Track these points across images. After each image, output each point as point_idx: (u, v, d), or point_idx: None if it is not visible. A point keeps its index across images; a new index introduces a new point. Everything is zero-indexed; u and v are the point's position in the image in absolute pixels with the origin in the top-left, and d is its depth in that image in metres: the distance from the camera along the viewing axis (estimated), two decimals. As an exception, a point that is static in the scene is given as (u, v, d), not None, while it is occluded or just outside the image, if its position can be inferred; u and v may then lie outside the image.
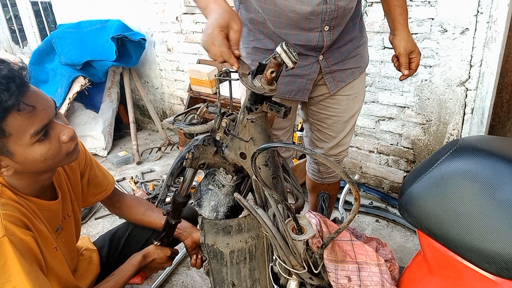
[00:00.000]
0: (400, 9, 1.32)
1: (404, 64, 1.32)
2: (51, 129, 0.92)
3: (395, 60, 1.36)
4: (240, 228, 0.93)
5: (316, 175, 1.66)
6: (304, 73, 1.29)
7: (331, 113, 1.43)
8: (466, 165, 0.72)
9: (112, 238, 1.42)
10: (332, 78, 1.33)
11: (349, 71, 1.35)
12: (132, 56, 3.47)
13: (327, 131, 1.48)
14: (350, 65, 1.35)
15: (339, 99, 1.39)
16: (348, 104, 1.41)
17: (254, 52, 1.30)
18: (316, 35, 1.20)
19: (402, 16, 1.32)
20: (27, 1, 5.04)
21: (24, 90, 0.86)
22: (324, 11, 1.14)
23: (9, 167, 0.91)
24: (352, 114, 1.45)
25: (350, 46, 1.32)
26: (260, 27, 1.24)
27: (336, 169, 0.64)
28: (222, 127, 0.91)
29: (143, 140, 3.83)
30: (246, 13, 1.25)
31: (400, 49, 1.32)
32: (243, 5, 1.25)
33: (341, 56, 1.31)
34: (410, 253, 2.00)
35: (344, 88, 1.37)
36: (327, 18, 1.16)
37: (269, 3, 1.15)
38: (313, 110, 1.46)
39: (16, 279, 0.85)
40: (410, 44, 1.32)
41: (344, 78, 1.35)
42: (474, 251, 0.68)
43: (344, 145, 1.53)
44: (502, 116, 2.14)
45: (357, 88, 1.41)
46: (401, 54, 1.32)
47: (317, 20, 1.16)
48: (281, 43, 0.74)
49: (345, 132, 1.48)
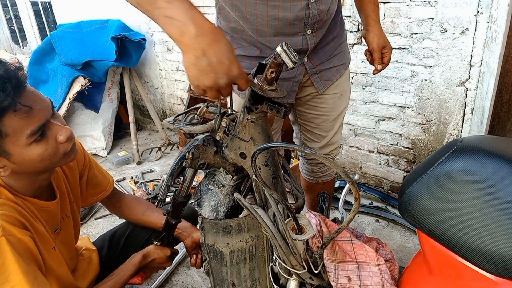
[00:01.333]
0: (372, 5, 1.37)
1: (377, 59, 1.38)
2: (48, 130, 0.92)
3: (368, 54, 1.41)
4: (240, 228, 0.93)
5: (310, 175, 1.67)
6: (290, 76, 1.29)
7: (319, 112, 1.44)
8: (466, 165, 0.72)
9: (112, 238, 1.42)
10: (318, 78, 1.34)
11: (334, 69, 1.37)
12: (132, 56, 3.47)
13: (316, 130, 1.49)
14: (335, 62, 1.36)
15: (326, 98, 1.41)
16: (335, 103, 1.43)
17: (240, 59, 1.28)
18: (299, 39, 1.20)
19: (374, 13, 1.37)
20: (27, 1, 5.04)
21: (20, 91, 0.86)
22: (307, 16, 1.15)
23: (6, 167, 0.91)
24: (339, 112, 1.46)
25: (333, 44, 1.33)
26: (242, 35, 1.23)
27: (336, 169, 0.65)
28: (222, 127, 0.91)
29: (143, 140, 3.83)
30: (226, 23, 1.24)
31: (373, 44, 1.37)
32: (221, 15, 1.24)
33: (325, 55, 1.32)
34: (410, 253, 2.00)
35: (330, 87, 1.39)
36: (310, 22, 1.17)
37: (251, 14, 1.15)
38: (301, 110, 1.47)
39: (14, 279, 0.85)
40: (383, 39, 1.37)
41: (331, 77, 1.37)
42: (474, 251, 0.68)
43: (335, 143, 1.54)
44: (502, 116, 2.14)
45: (342, 86, 1.43)
46: (374, 50, 1.37)
47: (300, 25, 1.17)
48: (281, 43, 0.74)
49: (334, 130, 1.49)
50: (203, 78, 0.70)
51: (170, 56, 3.54)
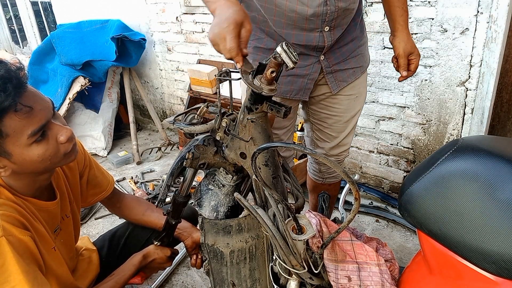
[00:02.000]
0: (400, 10, 1.32)
1: (403, 65, 1.33)
2: (48, 130, 0.92)
3: (394, 61, 1.37)
4: (240, 228, 0.93)
5: (317, 175, 1.66)
6: (305, 73, 1.29)
7: (332, 112, 1.43)
8: (466, 165, 0.72)
9: (112, 238, 1.42)
10: (333, 78, 1.33)
11: (350, 71, 1.35)
12: (132, 56, 3.47)
13: (328, 130, 1.48)
14: (352, 64, 1.35)
15: (340, 98, 1.39)
16: (349, 104, 1.41)
17: (255, 51, 1.30)
18: (316, 36, 1.20)
19: (402, 18, 1.33)
20: (27, 1, 5.04)
21: (21, 91, 0.85)
22: (325, 12, 1.14)
23: (7, 167, 0.91)
24: (353, 114, 1.45)
25: (351, 45, 1.32)
26: (261, 25, 1.25)
27: (336, 169, 0.64)
28: (222, 127, 0.91)
29: (143, 140, 3.83)
30: (248, 12, 1.25)
31: (400, 50, 1.33)
32: (244, 3, 1.26)
33: (342, 56, 1.31)
34: (410, 253, 2.00)
35: (345, 88, 1.37)
36: (327, 19, 1.17)
37: (270, 3, 1.16)
38: (314, 109, 1.46)
39: (14, 279, 0.85)
40: (410, 45, 1.32)
41: (346, 78, 1.36)
42: (474, 251, 0.68)
43: (345, 145, 1.53)
44: (502, 116, 2.14)
45: (358, 88, 1.41)
46: (400, 55, 1.33)
47: (317, 21, 1.16)
48: (282, 43, 0.74)
49: (346, 132, 1.48)
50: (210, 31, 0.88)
51: (170, 56, 3.54)
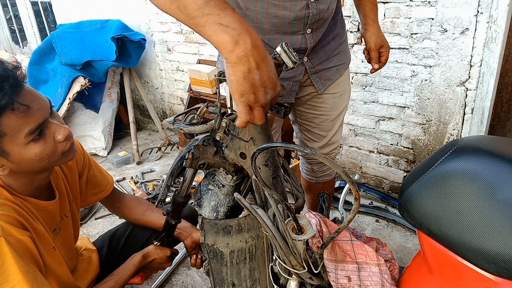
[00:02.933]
0: (370, 5, 1.39)
1: (374, 58, 1.40)
2: (46, 129, 0.92)
3: (366, 53, 1.43)
4: (240, 228, 0.93)
5: (311, 174, 1.67)
6: (290, 75, 1.29)
7: (319, 112, 1.44)
8: (466, 165, 0.72)
9: (112, 238, 1.42)
10: (318, 77, 1.34)
11: (334, 69, 1.37)
12: (132, 56, 3.47)
13: (316, 130, 1.49)
14: (335, 62, 1.36)
15: (325, 97, 1.40)
16: (335, 102, 1.43)
17: None
18: (299, 38, 1.21)
19: (372, 12, 1.39)
20: (27, 1, 5.04)
21: (18, 90, 0.86)
22: (307, 16, 1.15)
23: (5, 167, 0.91)
24: (339, 112, 1.46)
25: (333, 44, 1.33)
26: None
27: (336, 169, 0.64)
28: (222, 127, 0.91)
29: (143, 140, 3.83)
30: None
31: (371, 44, 1.39)
32: None
33: (325, 55, 1.32)
34: (410, 253, 2.00)
35: (330, 86, 1.39)
36: (309, 22, 1.17)
37: (251, 11, 1.15)
38: (301, 110, 1.47)
39: (13, 279, 0.85)
40: (380, 39, 1.38)
41: (330, 76, 1.37)
42: (474, 251, 0.68)
43: (335, 143, 1.54)
44: (502, 116, 2.14)
45: (342, 86, 1.42)
46: (371, 49, 1.39)
47: (300, 24, 1.17)
48: (281, 43, 0.74)
49: (334, 130, 1.49)
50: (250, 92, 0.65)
51: (170, 56, 3.54)
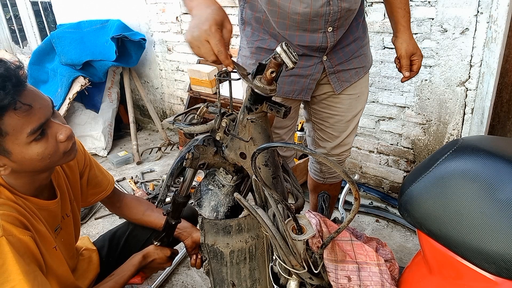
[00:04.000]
0: (402, 11, 1.33)
1: (405, 66, 1.34)
2: (48, 128, 0.92)
3: (397, 61, 1.37)
4: (240, 228, 0.93)
5: (318, 175, 1.66)
6: (307, 73, 1.29)
7: (334, 112, 1.43)
8: (466, 165, 0.72)
9: (112, 238, 1.42)
10: (336, 78, 1.34)
11: (353, 71, 1.36)
12: (132, 56, 3.47)
13: (330, 130, 1.48)
14: (355, 65, 1.35)
15: (342, 98, 1.39)
16: (351, 104, 1.41)
17: (258, 52, 1.30)
18: (319, 36, 1.20)
19: (404, 19, 1.33)
20: (27, 1, 5.04)
21: (20, 89, 0.86)
22: (328, 13, 1.14)
23: (6, 166, 0.91)
24: (355, 114, 1.45)
25: (354, 46, 1.32)
26: (265, 26, 1.25)
27: (336, 169, 0.64)
28: (222, 127, 0.91)
29: (143, 140, 3.83)
30: (252, 12, 1.25)
31: (402, 51, 1.33)
32: (249, 4, 1.26)
33: (345, 56, 1.31)
34: (410, 253, 2.00)
35: (348, 87, 1.38)
36: (330, 20, 1.17)
37: (273, 5, 1.16)
38: (315, 109, 1.46)
39: (14, 279, 0.85)
40: (412, 46, 1.33)
41: (349, 78, 1.36)
42: (474, 251, 0.68)
43: (347, 145, 1.53)
44: (502, 116, 2.14)
45: (360, 88, 1.41)
46: (402, 56, 1.33)
47: (321, 21, 1.16)
48: (281, 43, 0.74)
49: (348, 131, 1.48)
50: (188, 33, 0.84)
51: (170, 56, 3.54)
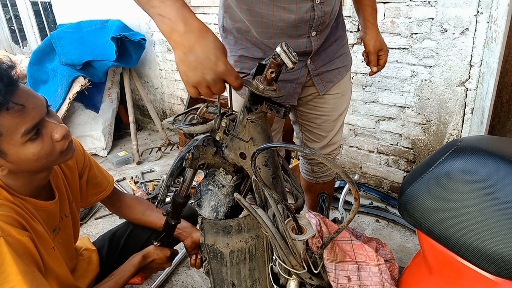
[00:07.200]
0: (370, 8, 1.40)
1: (373, 61, 1.43)
2: (43, 128, 0.92)
3: (365, 55, 1.45)
4: (240, 228, 0.93)
5: (310, 175, 1.67)
6: (293, 77, 1.29)
7: (320, 112, 1.44)
8: (466, 165, 0.72)
9: (112, 238, 1.42)
10: (320, 79, 1.35)
11: (336, 71, 1.37)
12: (132, 56, 3.47)
13: (317, 130, 1.49)
14: (337, 64, 1.36)
15: (327, 98, 1.41)
16: (336, 103, 1.43)
17: (243, 60, 1.29)
18: (304, 41, 1.21)
19: (372, 16, 1.40)
20: (27, 1, 5.04)
21: (12, 89, 0.85)
22: (312, 18, 1.15)
23: (3, 167, 0.91)
24: (341, 113, 1.47)
25: (335, 46, 1.34)
26: (247, 36, 1.23)
27: (336, 169, 0.64)
28: (222, 127, 0.91)
29: (143, 140, 3.83)
30: (232, 23, 1.24)
31: (370, 47, 1.41)
32: (228, 14, 1.24)
33: (328, 57, 1.33)
34: (410, 253, 2.00)
35: (332, 87, 1.39)
36: (315, 24, 1.17)
37: (256, 16, 1.15)
38: (302, 110, 1.47)
39: (13, 280, 0.84)
40: (379, 42, 1.41)
41: (332, 78, 1.37)
42: (474, 251, 0.68)
43: (335, 143, 1.54)
44: (502, 116, 2.14)
45: (344, 87, 1.43)
46: (370, 52, 1.42)
47: (305, 27, 1.17)
48: (281, 43, 0.74)
49: (335, 131, 1.49)
50: (191, 74, 0.73)
51: (170, 56, 3.54)
